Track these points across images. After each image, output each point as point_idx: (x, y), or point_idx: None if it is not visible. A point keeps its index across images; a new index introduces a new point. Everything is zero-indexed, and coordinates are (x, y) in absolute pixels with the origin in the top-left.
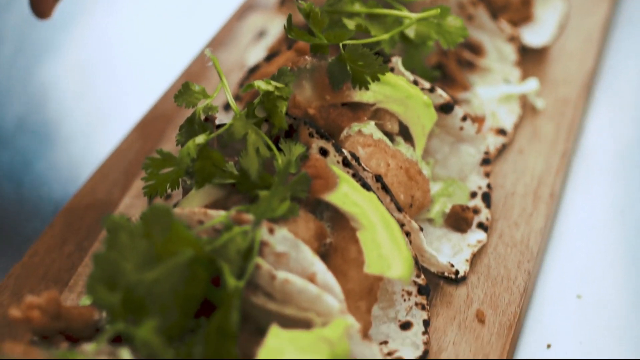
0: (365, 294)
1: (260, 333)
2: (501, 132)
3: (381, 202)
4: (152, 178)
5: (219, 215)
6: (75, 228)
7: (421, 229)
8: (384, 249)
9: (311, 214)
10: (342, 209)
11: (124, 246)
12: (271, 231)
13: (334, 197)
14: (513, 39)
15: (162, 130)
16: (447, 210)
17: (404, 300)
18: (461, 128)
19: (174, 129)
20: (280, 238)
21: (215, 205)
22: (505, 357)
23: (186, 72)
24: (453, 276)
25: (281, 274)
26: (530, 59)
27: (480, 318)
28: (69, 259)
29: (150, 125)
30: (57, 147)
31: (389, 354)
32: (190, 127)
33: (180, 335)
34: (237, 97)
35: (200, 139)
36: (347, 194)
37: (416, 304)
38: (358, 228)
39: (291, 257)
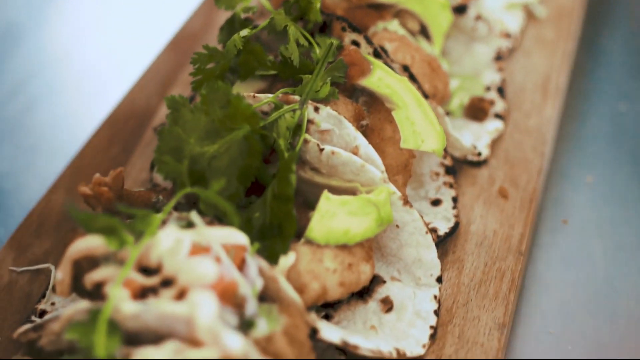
0: (402, 169)
1: (308, 206)
2: (508, 36)
3: None
4: (199, 73)
5: (267, 98)
6: (119, 134)
7: (447, 114)
8: (418, 126)
9: (349, 99)
10: (377, 92)
11: (186, 121)
12: (316, 109)
13: (368, 82)
14: None
15: (192, 46)
16: (465, 103)
17: (433, 180)
18: (474, 28)
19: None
20: (325, 115)
21: (260, 93)
22: (527, 232)
23: None
24: (476, 158)
25: (328, 147)
26: None
27: (503, 194)
28: (115, 160)
29: (180, 43)
30: (84, 77)
31: None
32: (231, 27)
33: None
34: (262, 13)
35: (245, 32)
36: (381, 78)
37: (444, 183)
38: (392, 108)
39: (335, 133)
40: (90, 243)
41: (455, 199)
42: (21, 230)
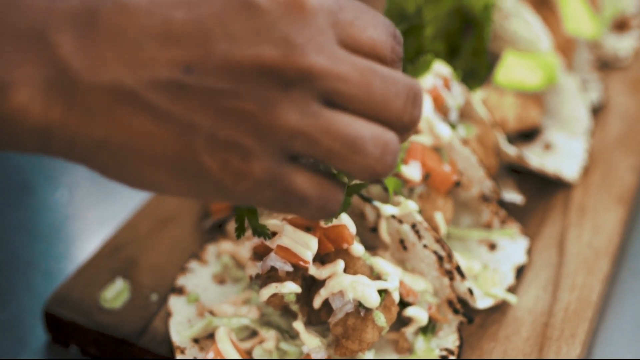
0: (562, 52)
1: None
2: None
3: None
4: None
5: None
6: None
7: None
8: (579, 17)
9: None
10: None
11: None
12: None
13: None
14: None
15: None
16: (612, 17)
17: (584, 69)
18: None
19: None
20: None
21: None
22: None
23: None
24: (616, 59)
25: (512, 20)
26: None
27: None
28: None
29: None
30: None
31: None
32: None
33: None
34: None
35: None
36: None
37: (593, 72)
38: (558, 3)
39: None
40: None
41: (601, 84)
42: None
